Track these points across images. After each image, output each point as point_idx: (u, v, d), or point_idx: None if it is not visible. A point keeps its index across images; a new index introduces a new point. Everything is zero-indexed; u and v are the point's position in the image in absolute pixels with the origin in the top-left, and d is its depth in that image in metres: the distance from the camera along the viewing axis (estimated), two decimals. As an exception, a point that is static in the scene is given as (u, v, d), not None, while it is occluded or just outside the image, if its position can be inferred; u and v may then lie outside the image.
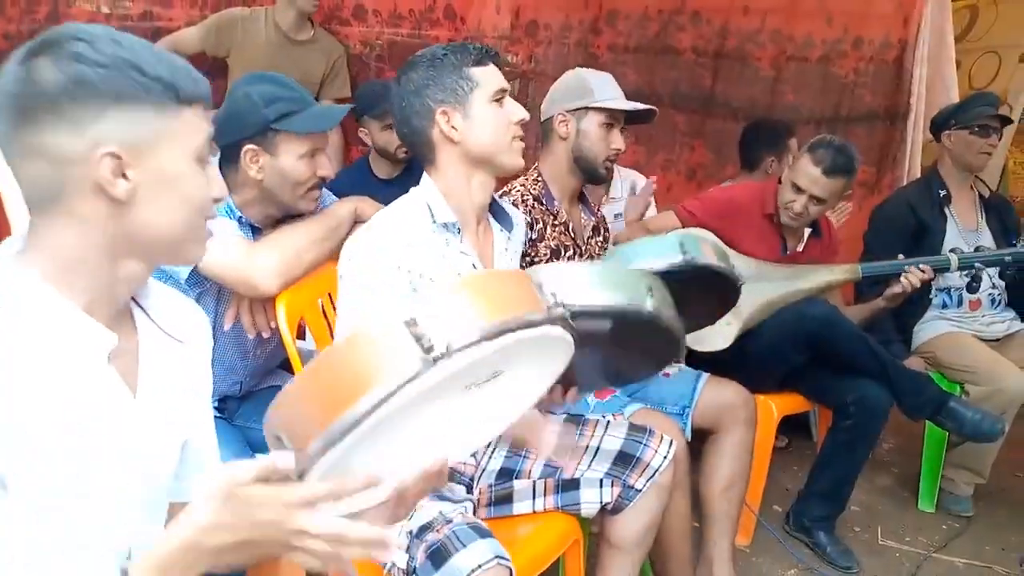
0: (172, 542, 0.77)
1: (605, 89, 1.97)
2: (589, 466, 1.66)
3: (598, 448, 1.67)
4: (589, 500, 1.65)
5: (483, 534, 1.36)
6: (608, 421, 1.73)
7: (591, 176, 2.00)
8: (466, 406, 0.84)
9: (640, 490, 1.64)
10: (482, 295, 0.77)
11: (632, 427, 1.71)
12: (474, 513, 1.60)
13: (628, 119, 2.00)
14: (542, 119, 2.01)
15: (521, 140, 1.55)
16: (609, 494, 1.64)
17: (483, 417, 0.90)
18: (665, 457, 1.65)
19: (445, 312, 0.75)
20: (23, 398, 0.78)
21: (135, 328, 0.92)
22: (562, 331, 0.82)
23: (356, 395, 0.71)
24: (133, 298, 0.92)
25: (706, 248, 1.62)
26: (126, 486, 0.88)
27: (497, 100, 1.51)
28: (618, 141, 1.97)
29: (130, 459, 0.88)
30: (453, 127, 1.48)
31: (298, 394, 0.76)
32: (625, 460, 1.65)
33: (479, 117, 1.49)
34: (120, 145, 0.80)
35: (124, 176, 0.81)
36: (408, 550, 1.38)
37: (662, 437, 1.68)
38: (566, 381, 1.49)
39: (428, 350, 0.72)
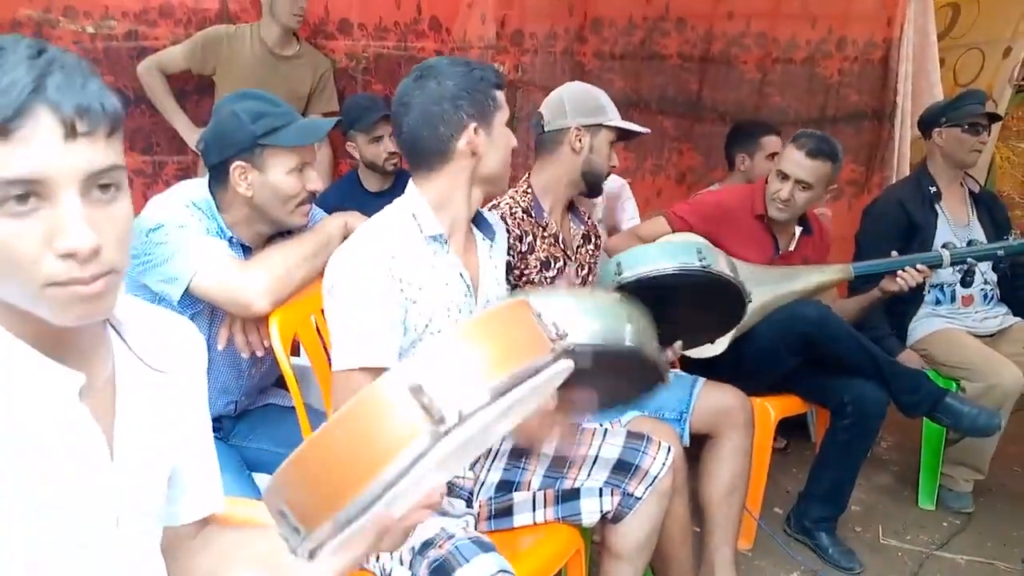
0: None
1: (613, 108, 2.03)
2: (588, 475, 1.65)
3: (596, 457, 1.66)
4: (589, 509, 1.64)
5: (486, 548, 1.35)
6: (606, 429, 1.72)
7: (593, 190, 2.05)
8: (469, 447, 0.82)
9: (640, 498, 1.63)
10: (486, 344, 0.73)
11: (630, 435, 1.70)
12: (475, 527, 1.59)
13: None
14: (546, 129, 2.00)
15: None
16: (609, 503, 1.63)
17: (482, 443, 0.89)
18: (664, 464, 1.65)
19: (451, 372, 0.71)
20: None
21: (112, 358, 0.87)
22: (569, 363, 0.80)
23: (367, 476, 0.68)
24: (111, 324, 0.87)
25: (721, 259, 1.63)
26: (109, 522, 0.85)
27: (508, 125, 1.55)
28: (615, 158, 2.04)
29: (111, 496, 0.85)
30: (479, 143, 1.49)
31: (303, 471, 0.72)
32: (624, 468, 1.64)
33: (498, 139, 1.53)
34: None
35: None
36: (411, 567, 1.37)
37: (660, 444, 1.68)
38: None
39: (439, 421, 0.68)
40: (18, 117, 0.68)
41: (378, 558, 1.45)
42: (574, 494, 1.65)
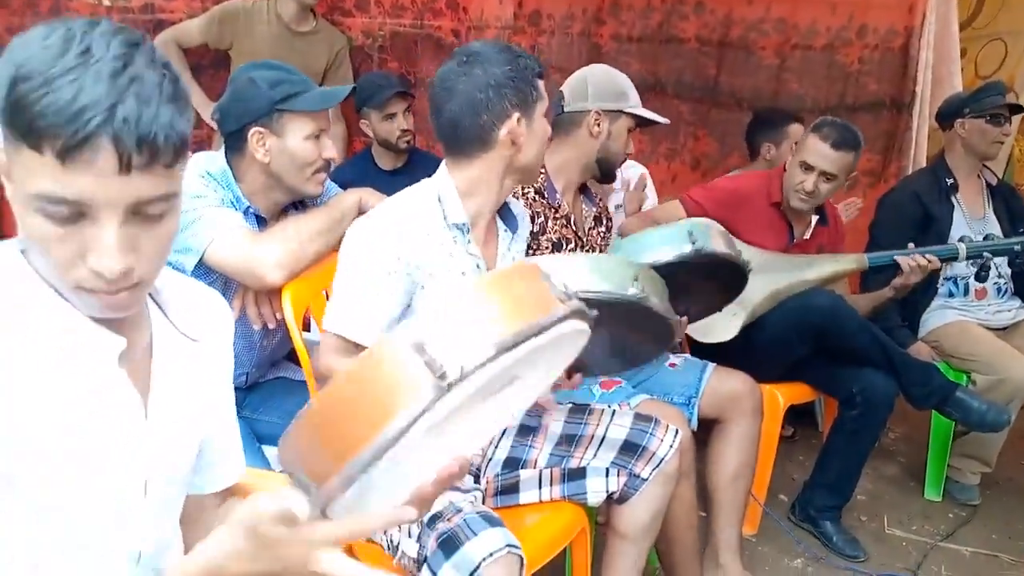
0: (198, 561, 0.77)
1: (636, 95, 2.02)
2: (595, 455, 1.65)
3: (604, 437, 1.67)
4: (595, 489, 1.65)
5: (494, 523, 1.36)
6: (614, 411, 1.73)
7: (606, 176, 2.05)
8: (480, 411, 0.83)
9: (646, 479, 1.63)
10: (492, 301, 0.74)
11: (638, 416, 1.70)
12: (482, 503, 1.60)
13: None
14: (565, 109, 1.99)
15: None
16: (615, 483, 1.64)
17: (495, 414, 0.89)
18: (671, 446, 1.65)
19: (455, 329, 0.71)
20: (26, 400, 0.77)
21: (149, 325, 0.89)
22: (579, 323, 0.79)
23: (371, 431, 0.69)
24: (149, 293, 0.89)
25: (715, 236, 1.63)
26: (137, 488, 0.87)
27: (546, 116, 1.53)
28: (631, 146, 2.05)
29: (142, 462, 0.87)
30: (521, 133, 1.48)
31: (310, 430, 0.74)
32: (631, 449, 1.64)
33: (538, 130, 1.51)
34: None
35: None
36: (419, 539, 1.38)
37: (668, 426, 1.68)
38: (572, 366, 1.50)
39: (441, 376, 0.69)
40: (81, 146, 0.68)
41: (386, 531, 1.46)
42: (580, 473, 1.66)
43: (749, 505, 2.21)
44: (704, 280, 1.76)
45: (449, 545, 1.32)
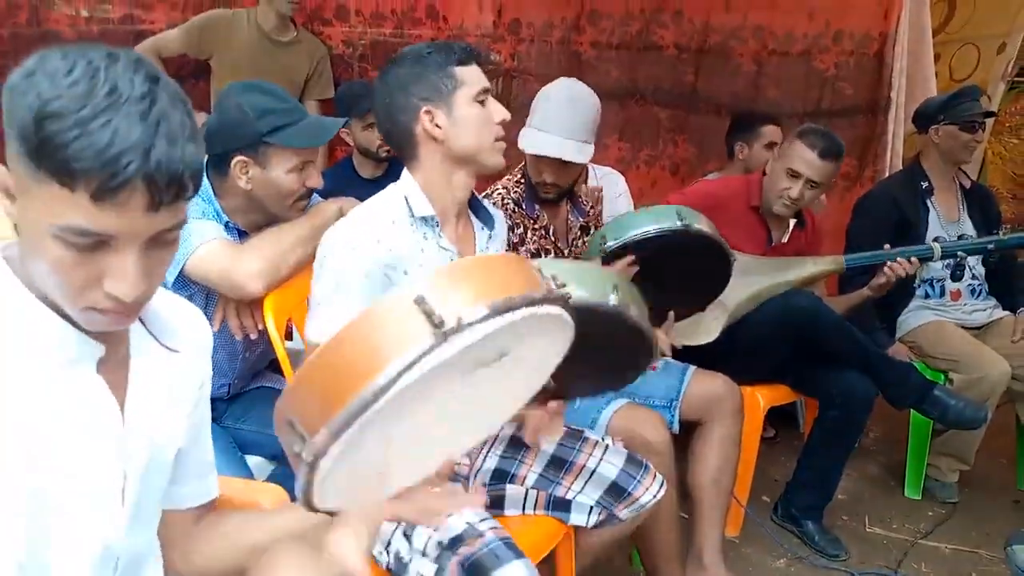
0: None
1: (540, 116, 1.93)
2: (582, 489, 1.65)
3: (593, 472, 1.65)
4: (576, 519, 1.66)
5: (518, 554, 1.35)
6: (607, 445, 1.70)
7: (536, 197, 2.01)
8: (471, 394, 0.84)
9: (623, 520, 1.66)
10: (484, 275, 0.78)
11: (629, 459, 1.68)
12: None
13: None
14: None
15: (502, 140, 1.53)
16: (595, 520, 1.66)
17: (485, 409, 0.90)
18: (655, 496, 1.65)
19: (451, 290, 0.76)
20: (3, 404, 0.77)
21: (127, 334, 0.90)
22: (564, 312, 0.83)
23: (372, 372, 0.71)
24: None
25: (702, 219, 1.64)
26: (115, 493, 0.87)
27: (480, 100, 1.49)
28: (546, 174, 1.95)
29: (119, 467, 0.87)
30: (436, 125, 1.47)
31: (310, 377, 0.76)
32: (617, 492, 1.64)
33: (462, 117, 1.48)
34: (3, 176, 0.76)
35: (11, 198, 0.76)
36: (437, 560, 1.36)
37: (655, 475, 1.67)
38: (549, 393, 1.50)
39: (439, 325, 0.72)
40: (117, 189, 0.70)
41: (388, 545, 1.44)
42: (565, 504, 1.66)
43: (731, 506, 2.23)
44: (687, 273, 1.75)
45: (476, 571, 1.31)
